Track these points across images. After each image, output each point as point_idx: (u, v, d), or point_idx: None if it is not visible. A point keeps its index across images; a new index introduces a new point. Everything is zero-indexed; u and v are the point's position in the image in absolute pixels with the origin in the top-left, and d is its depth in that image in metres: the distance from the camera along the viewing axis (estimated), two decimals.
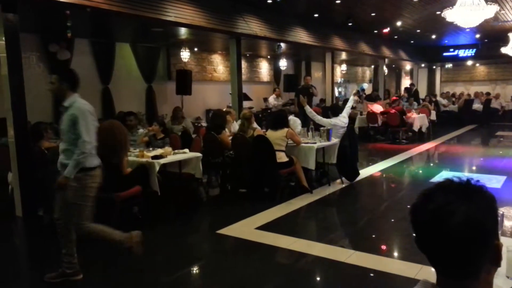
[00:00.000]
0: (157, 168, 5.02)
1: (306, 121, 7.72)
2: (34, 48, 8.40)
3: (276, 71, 14.81)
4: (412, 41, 16.86)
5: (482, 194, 0.91)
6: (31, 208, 5.38)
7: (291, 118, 7.07)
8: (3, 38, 5.14)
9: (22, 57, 5.42)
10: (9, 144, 5.38)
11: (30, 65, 8.24)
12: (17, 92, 5.25)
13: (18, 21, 5.24)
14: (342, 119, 7.04)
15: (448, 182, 0.94)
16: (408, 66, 20.97)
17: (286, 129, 6.05)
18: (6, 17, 5.12)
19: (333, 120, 7.00)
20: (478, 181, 0.93)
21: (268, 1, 8.87)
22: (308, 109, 7.17)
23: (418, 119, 11.66)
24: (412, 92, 16.74)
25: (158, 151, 5.50)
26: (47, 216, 5.34)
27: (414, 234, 0.97)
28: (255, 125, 6.82)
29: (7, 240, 5.09)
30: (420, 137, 11.90)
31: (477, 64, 20.15)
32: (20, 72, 5.31)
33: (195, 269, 4.01)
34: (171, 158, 5.35)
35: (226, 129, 6.76)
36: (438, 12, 9.90)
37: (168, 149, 5.54)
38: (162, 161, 5.14)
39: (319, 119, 7.03)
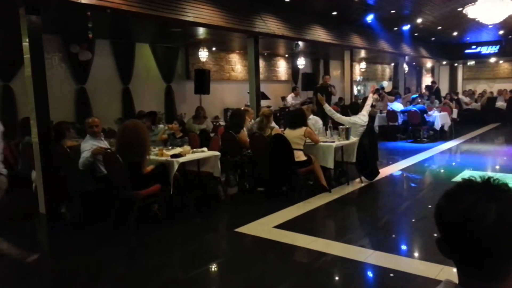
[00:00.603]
0: (176, 166, 5.06)
1: (324, 120, 7.66)
2: (56, 49, 8.59)
3: (294, 69, 14.76)
4: (433, 38, 16.56)
5: (507, 192, 0.90)
6: (54, 205, 5.50)
7: (313, 117, 7.01)
8: (27, 40, 5.26)
9: (45, 58, 5.55)
10: (32, 143, 5.51)
11: (52, 66, 8.43)
12: (40, 92, 5.37)
13: (41, 23, 5.35)
14: (362, 118, 6.90)
15: (471, 181, 0.92)
16: (429, 63, 20.62)
17: (304, 128, 6.03)
18: (29, 19, 5.24)
19: (353, 118, 6.89)
20: (498, 179, 0.91)
21: (286, 0, 8.85)
22: (327, 107, 7.10)
23: (440, 118, 11.45)
24: (433, 90, 16.45)
25: (177, 150, 5.56)
26: (69, 213, 5.48)
27: (438, 236, 0.94)
28: (273, 124, 6.80)
29: (31, 236, 5.22)
30: (442, 136, 11.68)
31: (501, 61, 19.67)
32: (43, 73, 5.43)
33: (213, 267, 4.03)
34: (189, 156, 5.39)
35: (245, 129, 6.77)
36: (459, 9, 9.72)
37: (187, 147, 5.59)
38: (181, 159, 5.18)
39: (338, 117, 6.94)
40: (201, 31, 8.66)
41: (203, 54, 10.85)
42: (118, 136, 5.01)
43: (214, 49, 11.66)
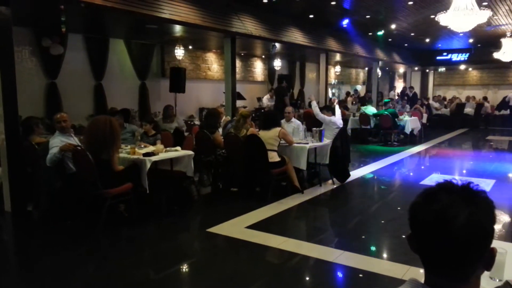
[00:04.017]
0: (148, 165, 5.00)
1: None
2: (26, 42, 8.33)
3: (270, 71, 14.83)
4: (406, 44, 16.96)
5: (484, 198, 0.92)
6: (20, 203, 5.35)
7: (294, 121, 7.08)
8: None
9: (14, 51, 5.38)
10: None
11: (22, 59, 8.18)
12: (8, 86, 5.20)
13: (10, 14, 5.19)
14: (339, 120, 7.17)
15: (450, 183, 0.94)
16: (401, 69, 21.10)
17: (278, 129, 6.07)
18: None
19: (333, 118, 7.12)
20: (478, 185, 0.93)
21: (264, 1, 8.88)
22: (314, 103, 7.28)
23: (410, 122, 11.74)
24: (408, 94, 16.95)
25: (150, 148, 5.49)
26: (36, 211, 5.33)
27: (410, 233, 0.96)
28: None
29: None
30: (411, 140, 11.99)
31: (470, 69, 20.33)
32: (12, 66, 5.27)
33: (184, 267, 4.01)
34: (162, 155, 5.34)
35: (220, 129, 6.76)
36: (432, 16, 9.98)
37: (159, 146, 5.53)
38: (154, 158, 5.12)
39: (322, 117, 7.13)
40: (177, 28, 8.58)
41: (179, 52, 10.75)
42: (86, 132, 4.90)
43: (190, 47, 11.58)
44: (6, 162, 5.25)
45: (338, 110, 7.40)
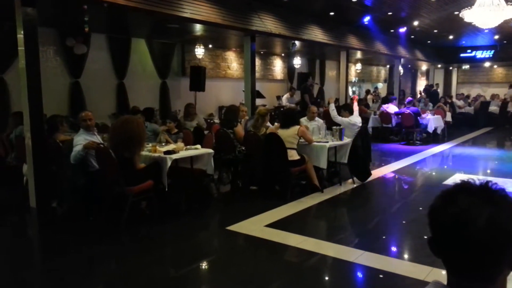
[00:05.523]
0: (169, 163, 5.05)
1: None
2: (51, 42, 8.53)
3: (290, 69, 14.77)
4: (429, 41, 16.64)
5: (504, 197, 0.88)
6: (45, 200, 5.48)
7: (317, 120, 7.05)
8: (22, 32, 5.22)
9: (39, 51, 5.51)
10: (25, 136, 5.48)
11: (47, 59, 8.37)
12: (34, 85, 5.33)
13: (36, 15, 5.32)
14: (359, 119, 7.09)
15: (468, 184, 0.91)
16: (424, 66, 20.72)
17: (297, 127, 6.05)
18: (25, 11, 5.20)
19: (353, 119, 7.01)
20: (496, 183, 0.90)
21: None
22: (331, 106, 7.22)
23: (433, 120, 11.52)
24: (430, 92, 16.64)
25: (171, 146, 5.55)
26: (60, 208, 5.45)
27: (430, 237, 0.93)
28: (268, 124, 6.80)
29: (21, 231, 5.20)
30: (434, 139, 11.76)
31: (495, 66, 19.80)
32: (37, 66, 5.39)
33: (203, 265, 4.03)
34: (183, 153, 5.39)
35: (240, 123, 6.75)
36: (456, 12, 9.77)
37: (180, 144, 5.58)
38: (174, 156, 5.17)
39: (340, 119, 7.05)
40: (197, 27, 8.63)
41: (199, 51, 10.82)
42: (114, 131, 4.98)
43: (210, 46, 11.63)
44: (32, 160, 5.39)
45: (355, 107, 7.33)
